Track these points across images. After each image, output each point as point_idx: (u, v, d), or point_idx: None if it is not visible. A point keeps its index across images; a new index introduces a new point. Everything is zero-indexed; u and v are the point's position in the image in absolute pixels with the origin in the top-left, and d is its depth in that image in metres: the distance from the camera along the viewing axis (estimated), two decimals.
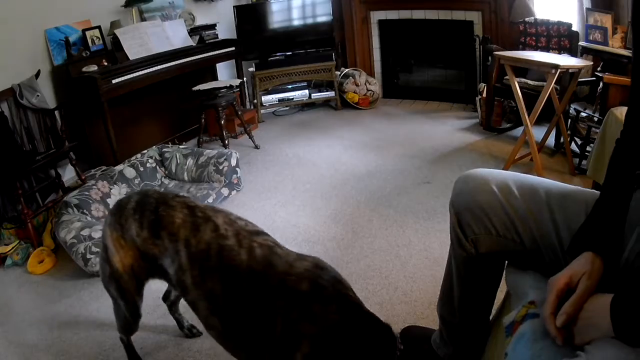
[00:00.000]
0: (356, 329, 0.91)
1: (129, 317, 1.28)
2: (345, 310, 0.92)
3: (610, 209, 0.82)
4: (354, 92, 4.30)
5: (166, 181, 2.86)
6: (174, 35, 3.48)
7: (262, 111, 4.26)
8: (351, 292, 1.00)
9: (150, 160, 2.81)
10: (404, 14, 4.23)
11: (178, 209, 1.08)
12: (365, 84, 4.36)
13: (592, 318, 0.69)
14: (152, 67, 3.17)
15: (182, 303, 1.43)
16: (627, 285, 0.73)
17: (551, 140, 3.02)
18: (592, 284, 0.73)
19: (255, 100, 4.22)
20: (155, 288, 1.51)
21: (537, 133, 2.92)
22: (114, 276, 1.18)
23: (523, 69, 3.06)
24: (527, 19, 3.40)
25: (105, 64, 3.06)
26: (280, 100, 4.31)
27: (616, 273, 0.76)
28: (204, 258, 1.00)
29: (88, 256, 2.00)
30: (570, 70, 2.63)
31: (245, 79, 4.19)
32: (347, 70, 4.43)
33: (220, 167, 2.72)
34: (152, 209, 1.10)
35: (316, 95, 4.35)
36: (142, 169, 2.73)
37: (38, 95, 2.74)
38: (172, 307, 1.63)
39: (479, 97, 3.65)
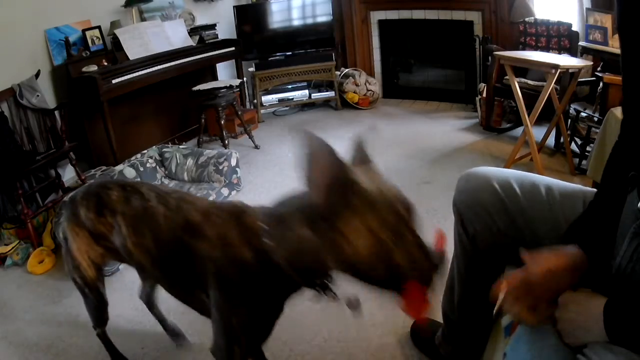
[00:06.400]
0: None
1: (96, 304, 1.39)
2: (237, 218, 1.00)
3: (602, 211, 0.82)
4: (354, 92, 4.30)
5: (166, 181, 2.85)
6: (174, 35, 3.48)
7: (262, 111, 4.25)
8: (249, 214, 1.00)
9: (150, 160, 2.81)
10: (404, 14, 4.23)
11: (114, 188, 1.23)
12: (365, 84, 4.36)
13: (585, 322, 0.69)
14: (152, 67, 3.17)
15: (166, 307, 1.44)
16: (620, 290, 0.72)
17: (551, 140, 3.02)
18: (561, 263, 0.74)
19: (255, 100, 4.22)
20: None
21: (537, 133, 2.91)
22: (75, 264, 1.30)
23: (523, 69, 3.06)
24: (527, 19, 3.40)
25: (105, 64, 3.05)
26: (280, 100, 4.30)
27: (607, 276, 0.76)
28: (136, 221, 1.15)
29: None
30: (570, 70, 2.63)
31: (245, 79, 4.19)
32: (347, 70, 4.42)
33: (220, 167, 2.72)
34: (94, 193, 1.25)
35: (316, 95, 4.35)
36: (142, 169, 2.72)
37: (38, 95, 2.74)
38: (150, 303, 1.64)
39: (479, 97, 3.65)
